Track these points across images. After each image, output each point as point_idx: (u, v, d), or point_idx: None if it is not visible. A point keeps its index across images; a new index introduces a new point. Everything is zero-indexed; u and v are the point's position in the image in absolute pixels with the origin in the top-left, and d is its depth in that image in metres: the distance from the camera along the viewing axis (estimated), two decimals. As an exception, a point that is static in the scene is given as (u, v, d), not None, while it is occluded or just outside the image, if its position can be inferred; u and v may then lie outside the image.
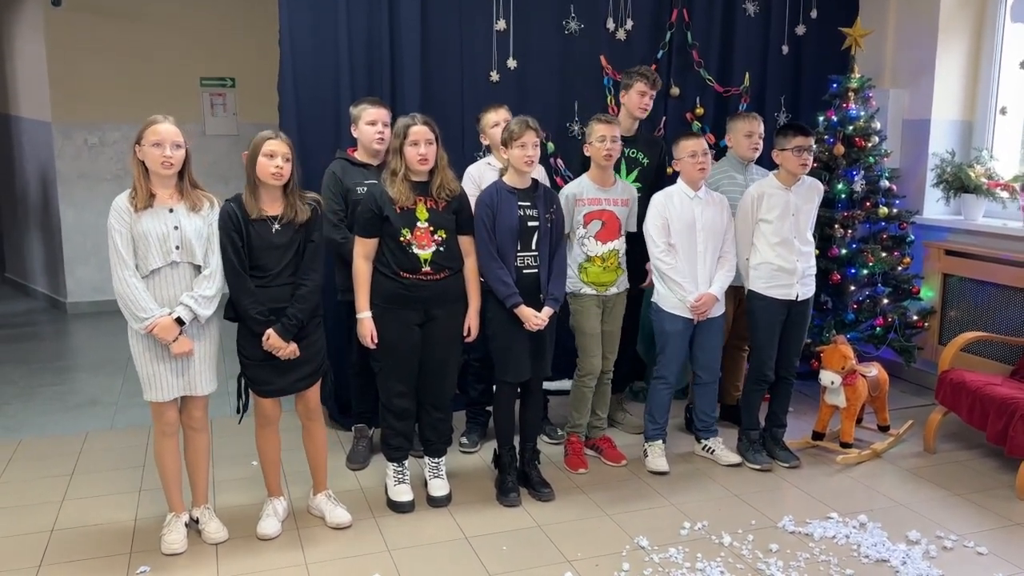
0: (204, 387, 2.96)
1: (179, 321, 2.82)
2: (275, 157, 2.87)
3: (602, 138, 3.47)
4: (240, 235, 2.88)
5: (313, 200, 3.03)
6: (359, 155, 3.64)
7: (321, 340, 3.11)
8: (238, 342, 3.00)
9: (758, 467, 3.71)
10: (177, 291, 2.84)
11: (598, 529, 3.16)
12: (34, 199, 7.19)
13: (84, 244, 6.77)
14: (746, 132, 3.90)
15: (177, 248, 2.81)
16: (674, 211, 3.56)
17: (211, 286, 2.87)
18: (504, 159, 3.34)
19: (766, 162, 4.06)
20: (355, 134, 3.64)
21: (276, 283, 2.94)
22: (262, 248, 2.91)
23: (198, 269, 2.88)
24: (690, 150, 3.54)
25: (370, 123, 3.56)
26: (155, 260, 2.79)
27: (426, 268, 3.14)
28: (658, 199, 3.60)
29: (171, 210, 2.82)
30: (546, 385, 3.67)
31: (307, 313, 2.97)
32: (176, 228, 2.81)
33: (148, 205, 2.78)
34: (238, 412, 3.08)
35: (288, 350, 2.95)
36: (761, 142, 3.93)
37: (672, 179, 4.25)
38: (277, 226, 2.93)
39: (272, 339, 2.91)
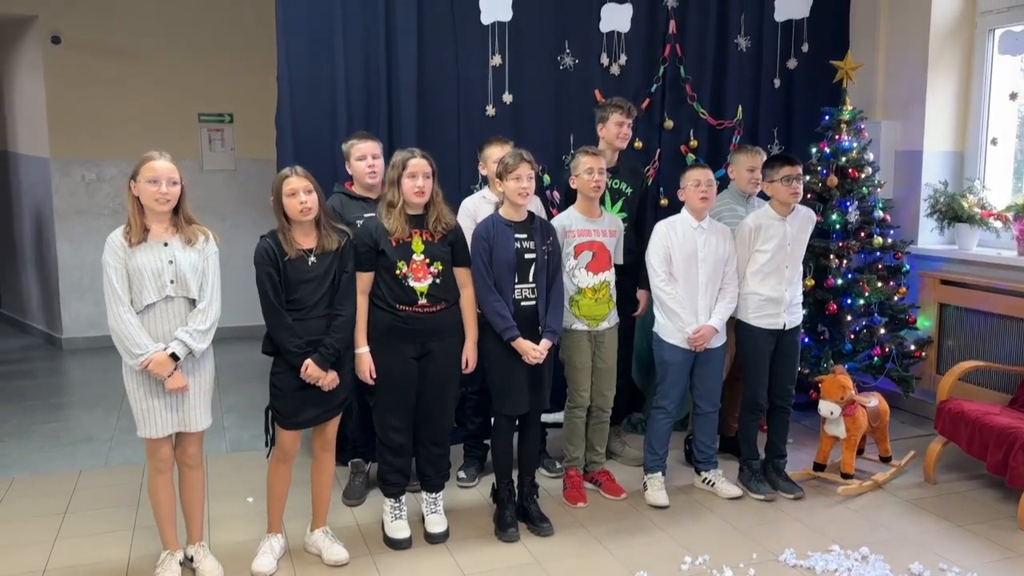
0: (198, 423, 2.94)
1: (174, 357, 2.80)
2: (297, 194, 2.90)
3: (589, 170, 3.49)
4: (277, 271, 2.91)
5: (343, 230, 3.06)
6: (356, 189, 3.67)
7: (351, 371, 3.13)
8: (272, 373, 3.01)
9: (761, 497, 3.68)
10: (172, 326, 2.83)
11: (598, 564, 3.12)
12: (31, 235, 7.20)
13: (80, 280, 6.76)
14: (749, 167, 3.92)
15: (172, 282, 2.81)
16: (676, 240, 3.57)
17: (205, 320, 2.86)
18: (500, 192, 3.36)
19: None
20: (348, 170, 3.66)
21: (312, 315, 2.97)
22: (299, 282, 2.95)
23: (193, 303, 2.88)
24: (694, 179, 3.56)
25: (360, 159, 3.59)
26: (150, 295, 2.78)
27: (422, 301, 3.14)
28: (661, 228, 3.62)
29: (166, 244, 2.83)
30: (544, 418, 3.66)
31: (344, 342, 3.01)
32: (171, 262, 2.81)
33: (142, 240, 2.79)
34: (266, 446, 3.08)
35: (328, 379, 2.97)
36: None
37: (656, 207, 4.30)
38: (313, 258, 2.96)
39: (311, 369, 2.92)
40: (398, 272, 3.11)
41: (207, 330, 2.87)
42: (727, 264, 3.64)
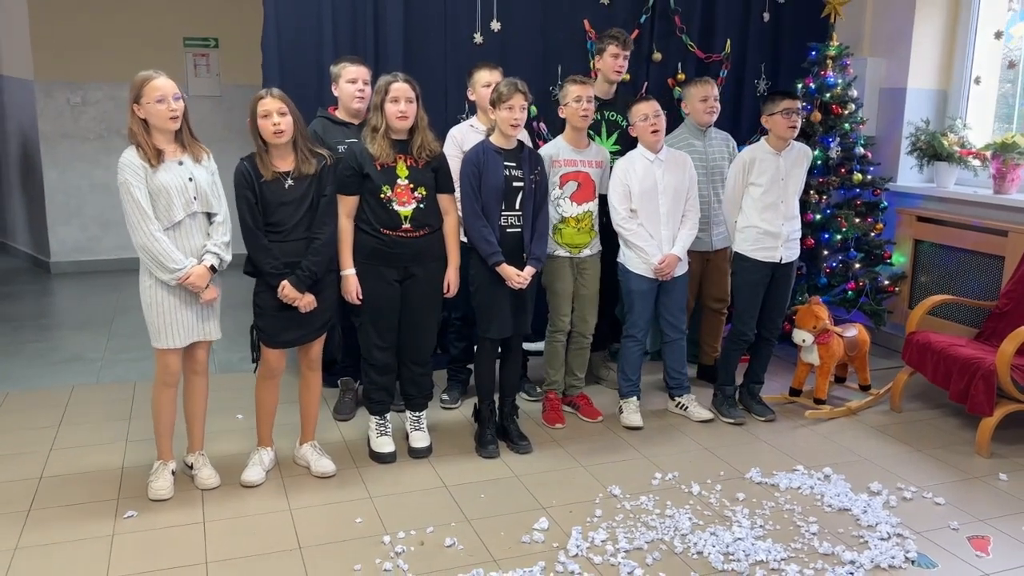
0: (216, 332, 3.08)
1: (212, 269, 2.93)
2: (270, 116, 2.94)
3: (578, 98, 3.52)
4: (254, 193, 2.97)
5: (321, 154, 3.10)
6: (340, 114, 3.69)
7: (334, 295, 3.20)
8: (255, 292, 3.10)
9: (732, 421, 3.83)
10: (196, 240, 2.94)
11: (573, 479, 3.27)
12: (16, 158, 7.16)
13: (67, 204, 6.76)
14: (701, 97, 3.97)
15: (195, 198, 2.90)
16: (635, 176, 3.62)
17: (226, 232, 3.00)
18: (491, 120, 3.39)
19: (725, 125, 4.14)
20: (335, 92, 3.68)
21: (291, 238, 3.03)
22: (276, 205, 3.00)
23: (207, 217, 2.98)
24: (641, 113, 3.61)
25: (350, 81, 3.60)
26: (178, 212, 2.87)
27: (406, 225, 3.20)
28: (620, 166, 3.67)
29: (180, 163, 2.89)
30: (526, 346, 3.76)
31: (321, 265, 3.07)
32: (191, 179, 2.89)
33: (160, 161, 2.85)
34: (253, 362, 3.19)
35: (304, 300, 3.05)
36: (717, 104, 4.02)
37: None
38: (290, 181, 3.01)
39: (287, 290, 3.00)
40: (383, 196, 3.17)
41: (229, 241, 3.01)
42: (688, 192, 3.71)
